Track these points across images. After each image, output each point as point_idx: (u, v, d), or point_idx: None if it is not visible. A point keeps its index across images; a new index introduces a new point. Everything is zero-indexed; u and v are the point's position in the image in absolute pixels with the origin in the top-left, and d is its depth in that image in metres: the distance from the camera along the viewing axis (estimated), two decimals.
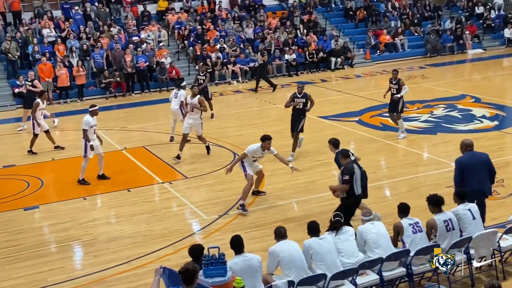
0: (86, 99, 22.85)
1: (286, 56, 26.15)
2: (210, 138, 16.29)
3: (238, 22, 28.00)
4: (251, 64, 25.45)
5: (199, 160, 14.58)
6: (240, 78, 25.16)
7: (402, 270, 7.89)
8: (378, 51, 28.67)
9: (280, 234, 7.69)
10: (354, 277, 7.60)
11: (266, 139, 11.00)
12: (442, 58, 28.72)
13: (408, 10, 31.47)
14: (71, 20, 25.32)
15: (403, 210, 8.28)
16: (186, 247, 7.60)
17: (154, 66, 23.97)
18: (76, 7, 26.21)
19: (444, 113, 18.01)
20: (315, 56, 26.67)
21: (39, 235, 10.81)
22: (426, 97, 20.30)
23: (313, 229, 7.86)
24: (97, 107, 13.11)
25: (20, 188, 13.18)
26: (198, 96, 14.51)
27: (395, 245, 8.08)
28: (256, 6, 29.57)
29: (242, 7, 29.54)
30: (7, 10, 25.27)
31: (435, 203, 8.29)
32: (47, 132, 15.79)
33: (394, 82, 15.47)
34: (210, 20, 27.50)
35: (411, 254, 7.85)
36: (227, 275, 6.76)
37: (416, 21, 30.80)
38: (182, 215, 11.45)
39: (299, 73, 26.25)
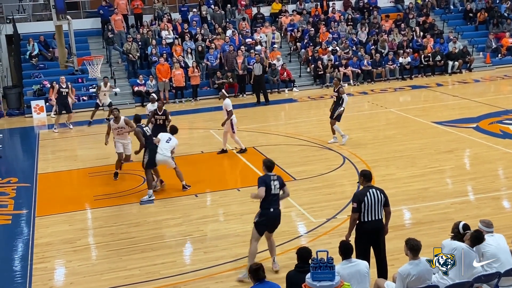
0: (199, 99, 23.58)
1: (400, 59, 25.52)
2: (319, 140, 16.27)
3: (351, 24, 27.68)
4: (363, 67, 25.13)
5: (308, 162, 14.55)
6: (351, 81, 24.86)
7: None
8: (499, 55, 27.28)
9: (418, 248, 7.07)
10: None
11: None
12: None
13: None
14: (193, 22, 26.13)
15: None
16: (293, 249, 7.60)
17: (266, 68, 24.23)
18: (194, 10, 27.08)
19: None
20: (430, 59, 25.84)
21: (153, 228, 11.23)
22: None
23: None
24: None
25: (136, 183, 13.79)
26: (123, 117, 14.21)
27: None
28: (370, 8, 29.10)
29: (356, 9, 29.18)
30: (129, 13, 26.58)
31: None
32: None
33: (335, 90, 15.66)
34: (323, 22, 27.40)
35: None
36: (335, 280, 6.69)
37: None
38: (290, 216, 11.45)
39: (413, 76, 25.55)
